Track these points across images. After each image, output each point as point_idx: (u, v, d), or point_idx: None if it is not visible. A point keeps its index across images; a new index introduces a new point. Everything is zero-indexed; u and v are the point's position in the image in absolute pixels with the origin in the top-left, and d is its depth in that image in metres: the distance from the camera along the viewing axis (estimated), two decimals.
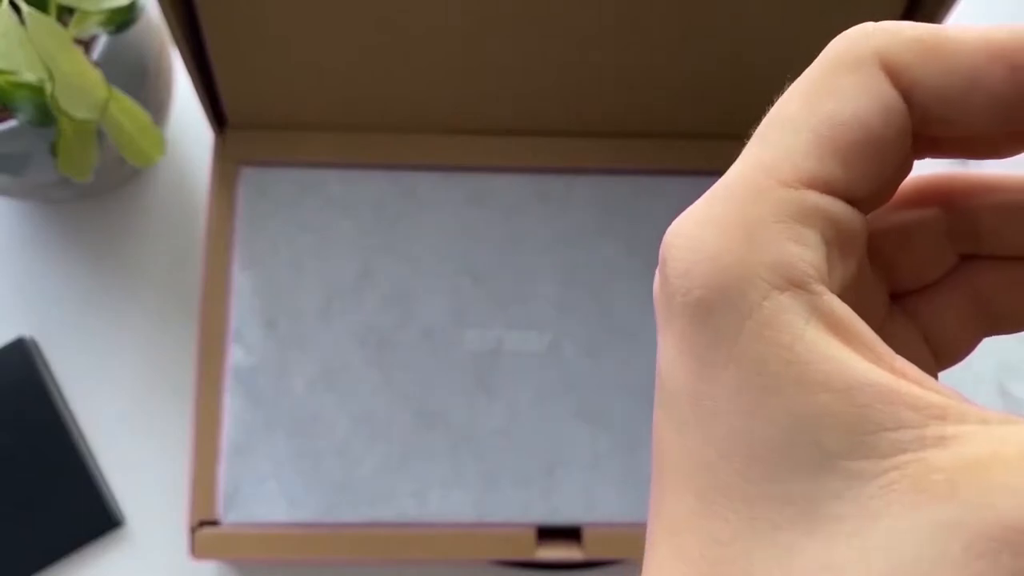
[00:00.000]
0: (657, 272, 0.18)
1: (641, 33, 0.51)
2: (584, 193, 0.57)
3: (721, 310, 0.15)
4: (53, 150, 0.48)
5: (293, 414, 0.54)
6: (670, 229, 0.17)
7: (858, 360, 0.15)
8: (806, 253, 0.16)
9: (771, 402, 0.15)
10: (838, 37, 0.18)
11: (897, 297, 0.21)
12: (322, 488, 0.53)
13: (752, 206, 0.16)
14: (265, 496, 0.53)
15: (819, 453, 0.14)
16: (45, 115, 0.46)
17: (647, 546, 0.17)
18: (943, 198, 0.21)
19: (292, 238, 0.56)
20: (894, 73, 0.17)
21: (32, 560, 0.56)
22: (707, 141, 0.57)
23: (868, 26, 0.18)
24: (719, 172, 0.18)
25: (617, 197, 0.57)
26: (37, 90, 0.45)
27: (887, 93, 0.17)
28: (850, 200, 0.17)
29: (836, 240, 0.17)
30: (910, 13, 0.50)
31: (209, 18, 0.49)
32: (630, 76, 0.54)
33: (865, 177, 0.17)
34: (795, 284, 0.15)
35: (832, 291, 0.16)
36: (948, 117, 0.17)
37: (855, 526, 0.14)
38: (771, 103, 0.18)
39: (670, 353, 0.17)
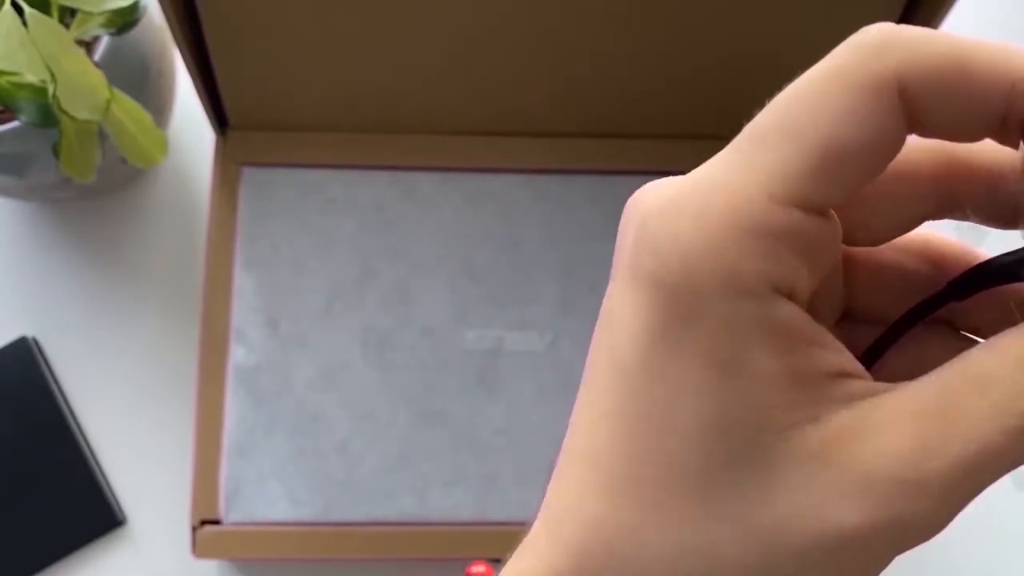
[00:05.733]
0: (626, 225, 0.20)
1: (641, 34, 0.51)
2: (584, 193, 0.57)
3: (689, 306, 0.18)
4: (55, 151, 0.48)
5: (294, 413, 0.54)
6: (649, 196, 0.19)
7: (771, 364, 0.18)
8: (775, 269, 0.18)
9: (701, 397, 0.18)
10: (857, 38, 0.18)
11: None
12: (323, 487, 0.53)
13: (736, 215, 0.17)
14: (266, 495, 0.53)
15: (731, 443, 0.18)
16: (47, 116, 0.46)
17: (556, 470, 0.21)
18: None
19: (293, 238, 0.56)
20: (911, 101, 0.17)
21: (34, 559, 0.56)
22: (706, 141, 0.57)
23: (889, 34, 0.17)
24: None
25: (617, 197, 0.57)
26: (39, 91, 0.45)
27: (898, 124, 0.18)
28: (830, 211, 0.19)
29: (810, 252, 0.18)
30: (909, 12, 0.50)
31: (210, 19, 0.49)
32: (630, 77, 0.54)
33: (849, 195, 0.18)
34: (753, 293, 0.17)
35: (800, 297, 0.18)
36: (951, 135, 0.19)
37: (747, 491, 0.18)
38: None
39: (630, 313, 0.19)
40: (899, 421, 0.17)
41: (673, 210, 0.18)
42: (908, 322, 0.21)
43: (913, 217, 0.21)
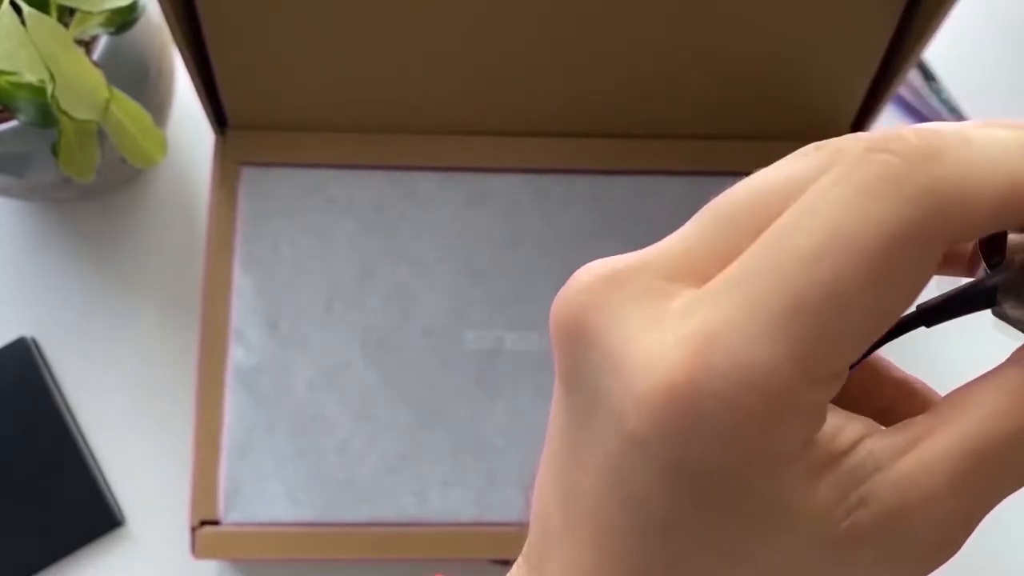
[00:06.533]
0: (577, 347, 0.18)
1: (641, 35, 0.51)
2: (584, 193, 0.57)
3: (725, 490, 0.17)
4: (54, 150, 0.48)
5: (294, 414, 0.54)
6: (629, 349, 0.17)
7: (820, 501, 0.17)
8: (810, 431, 0.17)
9: (753, 554, 0.17)
10: (897, 177, 0.16)
11: None
12: (323, 487, 0.53)
13: (772, 399, 0.16)
14: (266, 495, 0.53)
15: None
16: (46, 116, 0.46)
17: None
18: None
19: (293, 238, 0.56)
20: (952, 248, 0.17)
21: (33, 560, 0.56)
22: (706, 141, 0.57)
23: (933, 186, 0.16)
24: (718, 172, 0.18)
25: (617, 197, 0.57)
26: (38, 91, 0.45)
27: (933, 270, 0.17)
28: None
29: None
30: (910, 11, 0.50)
31: (210, 19, 0.49)
32: (630, 77, 0.54)
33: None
34: (792, 459, 0.17)
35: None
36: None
37: None
38: (769, 107, 0.18)
39: (645, 477, 0.17)
40: (940, 495, 0.17)
41: (687, 390, 0.16)
42: (874, 344, 0.20)
43: None
